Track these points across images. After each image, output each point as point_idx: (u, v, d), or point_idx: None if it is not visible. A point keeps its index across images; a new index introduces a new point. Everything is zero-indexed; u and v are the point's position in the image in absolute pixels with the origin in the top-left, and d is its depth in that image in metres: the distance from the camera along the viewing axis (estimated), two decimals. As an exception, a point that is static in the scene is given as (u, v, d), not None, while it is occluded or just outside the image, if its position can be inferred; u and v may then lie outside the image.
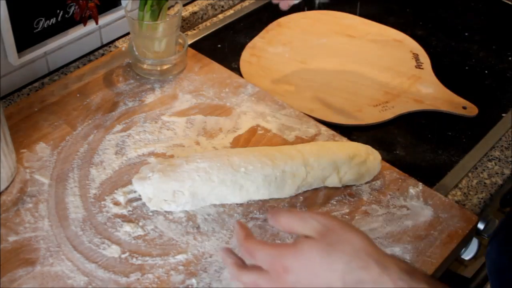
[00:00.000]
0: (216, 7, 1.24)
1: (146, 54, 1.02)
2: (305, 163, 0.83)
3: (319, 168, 0.83)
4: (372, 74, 1.09)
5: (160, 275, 0.75)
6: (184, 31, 1.18)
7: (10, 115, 0.94)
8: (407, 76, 1.08)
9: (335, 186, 0.85)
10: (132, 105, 0.98)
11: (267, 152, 0.84)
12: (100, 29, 1.09)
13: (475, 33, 1.21)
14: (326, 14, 1.23)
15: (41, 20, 0.98)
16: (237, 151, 0.85)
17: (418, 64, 1.11)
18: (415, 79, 1.08)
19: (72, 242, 0.78)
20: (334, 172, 0.83)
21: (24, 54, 0.98)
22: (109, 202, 0.83)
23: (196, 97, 1.00)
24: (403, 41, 1.17)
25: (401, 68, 1.10)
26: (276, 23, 1.19)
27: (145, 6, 0.97)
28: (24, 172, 0.87)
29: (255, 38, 1.15)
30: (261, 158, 0.82)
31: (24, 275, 0.74)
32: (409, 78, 1.08)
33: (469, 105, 1.02)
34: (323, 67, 1.09)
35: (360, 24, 1.21)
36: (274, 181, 0.82)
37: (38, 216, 0.81)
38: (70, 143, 0.91)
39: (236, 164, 0.81)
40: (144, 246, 0.78)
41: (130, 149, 0.90)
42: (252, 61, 1.09)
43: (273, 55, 1.11)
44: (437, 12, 1.27)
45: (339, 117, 0.99)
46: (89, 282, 0.73)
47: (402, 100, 1.03)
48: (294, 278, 0.57)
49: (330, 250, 0.56)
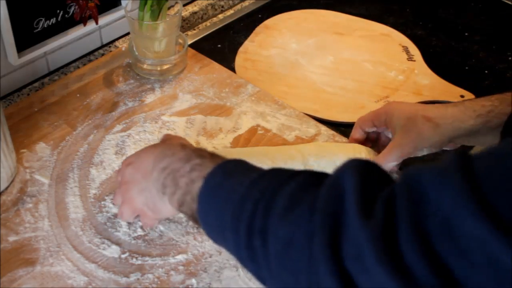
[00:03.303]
0: (216, 7, 1.24)
1: (146, 54, 1.02)
2: (305, 163, 0.82)
3: (319, 168, 0.83)
4: (366, 70, 1.09)
5: (160, 275, 0.75)
6: (184, 31, 1.18)
7: (10, 115, 0.94)
8: (401, 70, 1.09)
9: None
10: (132, 105, 0.98)
11: (267, 151, 0.84)
12: (100, 29, 1.09)
13: (475, 33, 1.21)
14: (311, 13, 1.23)
15: (41, 20, 0.98)
16: (236, 150, 0.85)
17: (409, 57, 1.12)
18: (410, 71, 1.08)
19: (72, 242, 0.78)
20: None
21: (24, 54, 0.98)
22: (109, 202, 0.83)
23: (196, 97, 1.00)
24: (390, 35, 1.17)
25: (394, 62, 1.10)
26: (264, 26, 1.19)
27: (145, 6, 0.97)
28: (24, 172, 0.87)
29: (245, 42, 1.15)
30: (261, 157, 0.82)
31: (24, 275, 0.74)
32: (403, 71, 1.08)
33: (466, 93, 1.04)
34: (317, 66, 1.09)
35: (346, 21, 1.21)
36: None
37: (38, 216, 0.81)
38: (70, 143, 0.91)
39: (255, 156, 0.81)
40: (144, 246, 0.78)
41: (130, 149, 0.90)
42: (247, 66, 1.09)
43: (266, 58, 1.11)
44: (437, 12, 1.27)
45: (344, 115, 0.99)
46: (89, 282, 0.73)
47: (401, 94, 1.04)
48: (131, 168, 0.71)
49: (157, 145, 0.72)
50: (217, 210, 0.57)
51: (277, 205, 0.52)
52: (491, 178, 0.41)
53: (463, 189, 0.41)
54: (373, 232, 0.44)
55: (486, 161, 0.43)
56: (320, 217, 0.47)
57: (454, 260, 0.41)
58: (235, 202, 0.55)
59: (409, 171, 0.46)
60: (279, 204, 0.52)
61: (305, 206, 0.50)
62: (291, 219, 0.50)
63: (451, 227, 0.41)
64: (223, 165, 0.61)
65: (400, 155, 0.80)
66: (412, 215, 0.43)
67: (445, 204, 0.41)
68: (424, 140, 0.79)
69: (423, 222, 0.42)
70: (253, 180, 0.56)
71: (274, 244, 0.50)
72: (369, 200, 0.46)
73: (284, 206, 0.51)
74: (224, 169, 0.60)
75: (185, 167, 0.63)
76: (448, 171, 0.43)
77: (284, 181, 0.54)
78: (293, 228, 0.49)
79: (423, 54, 1.13)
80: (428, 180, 0.43)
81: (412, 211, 0.43)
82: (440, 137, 0.78)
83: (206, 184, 0.59)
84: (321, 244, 0.46)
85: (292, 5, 1.26)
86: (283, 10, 1.23)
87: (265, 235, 0.51)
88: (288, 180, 0.54)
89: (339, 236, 0.46)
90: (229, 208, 0.55)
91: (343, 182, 0.48)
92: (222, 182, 0.58)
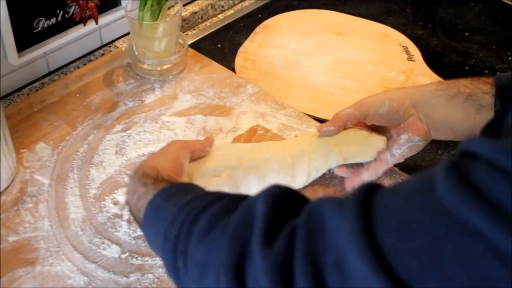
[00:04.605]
0: (216, 7, 1.24)
1: (146, 54, 1.02)
2: (306, 147, 0.82)
3: (319, 146, 0.82)
4: (366, 70, 1.09)
5: (160, 275, 0.75)
6: (184, 31, 1.18)
7: (10, 115, 0.94)
8: (401, 70, 1.09)
9: (339, 163, 0.83)
10: (132, 105, 0.98)
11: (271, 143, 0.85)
12: (100, 29, 1.09)
13: (475, 33, 1.21)
14: (310, 13, 1.23)
15: (41, 20, 0.98)
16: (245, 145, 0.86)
17: (409, 57, 1.12)
18: (410, 71, 1.08)
19: (72, 242, 0.78)
20: (334, 149, 0.82)
21: (24, 54, 0.98)
22: (109, 202, 0.83)
23: (196, 97, 1.00)
24: (390, 35, 1.17)
25: (394, 62, 1.10)
26: (263, 25, 1.19)
27: (145, 6, 0.96)
28: (24, 172, 0.87)
29: (245, 42, 1.15)
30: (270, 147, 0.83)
31: (24, 275, 0.74)
32: (403, 71, 1.08)
33: None
34: (317, 66, 1.09)
35: (346, 21, 1.21)
36: (289, 168, 0.81)
37: (38, 216, 0.81)
38: (70, 143, 0.91)
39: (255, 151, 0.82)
40: (144, 246, 0.78)
41: (130, 149, 0.90)
42: (247, 66, 1.09)
43: (266, 58, 1.11)
44: (437, 12, 1.27)
45: None
46: (89, 282, 0.73)
47: (403, 95, 1.04)
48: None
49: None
50: (155, 230, 0.58)
51: (197, 227, 0.52)
52: (384, 216, 0.39)
53: (355, 225, 0.39)
54: (270, 263, 0.43)
55: (386, 197, 0.41)
56: (228, 242, 0.47)
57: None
58: (167, 223, 0.56)
59: (313, 202, 0.45)
60: (199, 226, 0.51)
61: (219, 230, 0.49)
62: (207, 242, 0.50)
63: (343, 265, 0.39)
64: (166, 189, 0.62)
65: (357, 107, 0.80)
66: (309, 248, 0.42)
67: (340, 240, 0.40)
68: (386, 93, 0.79)
69: (319, 257, 0.41)
70: (186, 202, 0.56)
71: (192, 267, 0.50)
72: (276, 228, 0.45)
73: (203, 229, 0.51)
74: (166, 192, 0.61)
75: (133, 198, 0.65)
76: (346, 205, 0.41)
77: (209, 204, 0.53)
78: (208, 251, 0.49)
79: (423, 54, 1.13)
80: (327, 212, 0.42)
81: (309, 243, 0.42)
82: (402, 92, 0.78)
83: (148, 208, 0.61)
84: (226, 271, 0.45)
85: (292, 5, 1.26)
86: (283, 10, 1.23)
87: (186, 256, 0.51)
88: (213, 202, 0.54)
89: (244, 264, 0.45)
90: (162, 229, 0.56)
91: (255, 208, 0.47)
92: (162, 204, 0.59)
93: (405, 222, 0.38)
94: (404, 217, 0.38)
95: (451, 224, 0.35)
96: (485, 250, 0.34)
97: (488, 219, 0.34)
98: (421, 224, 0.37)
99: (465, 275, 0.35)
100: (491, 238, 0.34)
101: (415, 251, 0.37)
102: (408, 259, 0.37)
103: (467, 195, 0.35)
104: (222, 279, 0.46)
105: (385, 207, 0.40)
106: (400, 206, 0.39)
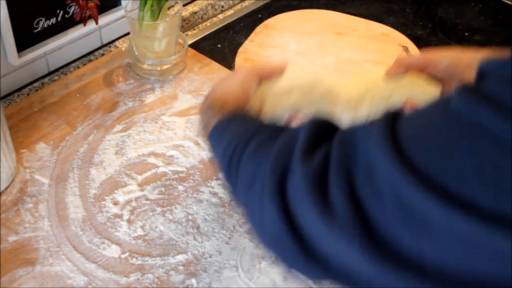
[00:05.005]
0: (216, 7, 1.24)
1: (146, 54, 1.02)
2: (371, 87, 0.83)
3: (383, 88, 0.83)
4: (367, 70, 1.09)
5: (160, 275, 0.75)
6: (184, 31, 1.18)
7: (10, 115, 0.94)
8: None
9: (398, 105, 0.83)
10: (132, 105, 0.98)
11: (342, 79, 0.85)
12: (100, 29, 1.09)
13: (475, 33, 1.21)
14: (310, 13, 1.23)
15: (41, 20, 0.98)
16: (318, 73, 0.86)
17: None
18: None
19: (72, 242, 0.78)
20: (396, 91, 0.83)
21: (24, 54, 0.98)
22: (109, 202, 0.83)
23: (196, 97, 1.00)
24: (390, 35, 1.17)
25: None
26: (263, 25, 1.19)
27: (145, 6, 0.97)
28: (24, 172, 0.87)
29: (245, 42, 1.15)
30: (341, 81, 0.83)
31: (24, 275, 0.74)
32: None
33: None
34: (317, 66, 1.09)
35: (346, 21, 1.21)
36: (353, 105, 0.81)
37: (38, 216, 0.81)
38: (70, 143, 0.91)
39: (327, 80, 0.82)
40: (144, 246, 0.78)
41: (130, 149, 0.90)
42: (247, 66, 1.09)
43: (266, 58, 1.11)
44: (437, 12, 1.27)
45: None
46: (89, 282, 0.73)
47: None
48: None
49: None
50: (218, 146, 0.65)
51: (251, 144, 0.58)
52: (408, 127, 0.46)
53: (382, 134, 0.46)
54: (309, 173, 0.49)
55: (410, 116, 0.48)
56: (273, 159, 0.53)
57: (372, 202, 0.45)
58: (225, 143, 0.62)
59: (347, 127, 0.53)
60: (252, 144, 0.58)
61: (266, 151, 0.56)
62: (257, 158, 0.56)
63: (372, 170, 0.45)
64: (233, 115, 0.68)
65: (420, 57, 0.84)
66: (342, 162, 0.48)
67: (369, 146, 0.47)
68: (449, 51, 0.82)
69: (350, 168, 0.47)
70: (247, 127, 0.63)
71: (242, 179, 0.57)
72: (315, 148, 0.52)
73: (255, 146, 0.58)
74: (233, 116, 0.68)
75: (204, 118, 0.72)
76: (375, 125, 0.48)
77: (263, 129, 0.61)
78: (257, 165, 0.55)
79: (423, 54, 1.13)
80: (359, 133, 0.49)
81: (342, 157, 0.48)
82: (462, 54, 0.81)
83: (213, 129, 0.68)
84: (270, 182, 0.51)
85: (292, 5, 1.26)
86: (283, 10, 1.23)
87: (238, 170, 0.58)
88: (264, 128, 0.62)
89: (286, 176, 0.51)
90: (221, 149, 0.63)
91: (299, 132, 0.54)
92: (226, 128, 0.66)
93: (425, 129, 0.45)
94: (424, 126, 0.46)
95: (463, 126, 0.42)
96: (492, 142, 0.40)
97: (495, 114, 0.40)
98: (438, 128, 0.44)
99: (475, 164, 0.41)
100: (496, 130, 0.40)
101: (433, 149, 0.43)
102: (428, 157, 0.43)
103: (477, 99, 0.42)
104: (266, 188, 0.52)
105: (409, 121, 0.48)
106: (421, 120, 0.47)
